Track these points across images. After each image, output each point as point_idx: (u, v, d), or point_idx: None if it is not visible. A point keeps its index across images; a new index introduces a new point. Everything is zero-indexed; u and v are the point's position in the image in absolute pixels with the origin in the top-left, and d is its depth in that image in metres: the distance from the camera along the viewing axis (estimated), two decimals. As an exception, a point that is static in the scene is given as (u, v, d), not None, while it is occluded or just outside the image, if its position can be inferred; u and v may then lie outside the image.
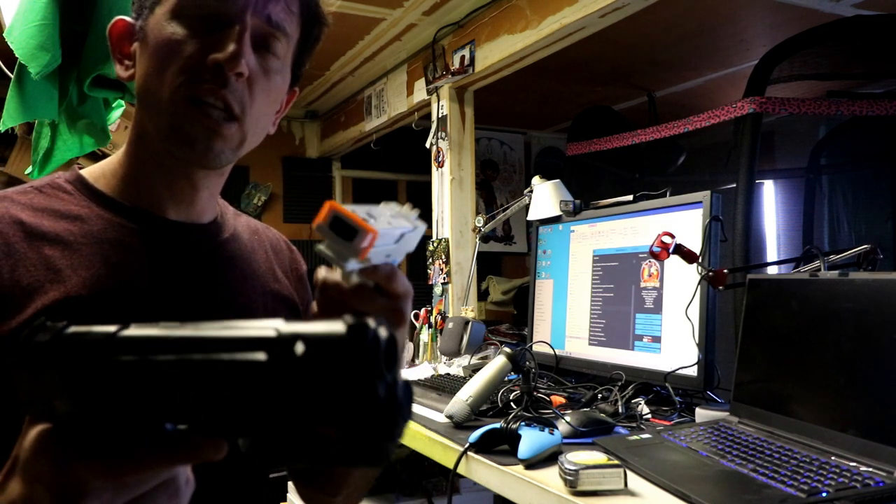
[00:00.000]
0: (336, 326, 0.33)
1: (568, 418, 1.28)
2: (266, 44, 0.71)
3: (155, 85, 0.68)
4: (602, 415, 1.35)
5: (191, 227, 0.75)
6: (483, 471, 1.20)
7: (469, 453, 1.22)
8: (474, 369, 1.93)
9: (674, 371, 1.47)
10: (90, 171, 0.74)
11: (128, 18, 0.72)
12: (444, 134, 2.67)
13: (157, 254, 0.71)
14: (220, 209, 0.82)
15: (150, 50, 0.69)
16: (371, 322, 0.33)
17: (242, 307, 0.76)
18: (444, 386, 1.78)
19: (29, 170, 1.91)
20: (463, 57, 2.55)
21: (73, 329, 0.37)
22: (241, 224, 0.84)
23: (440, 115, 2.70)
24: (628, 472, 1.00)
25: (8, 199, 0.68)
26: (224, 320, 0.37)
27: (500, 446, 1.22)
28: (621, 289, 1.70)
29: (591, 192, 2.61)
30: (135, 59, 0.72)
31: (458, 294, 2.58)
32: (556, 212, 2.01)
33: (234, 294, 0.76)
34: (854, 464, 0.94)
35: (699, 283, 1.43)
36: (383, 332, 0.33)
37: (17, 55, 1.56)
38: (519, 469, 1.12)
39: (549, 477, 1.07)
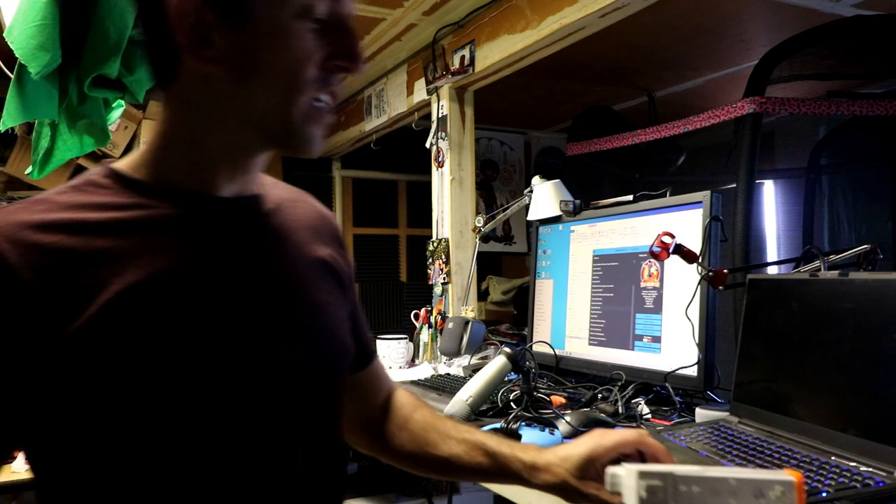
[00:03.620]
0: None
1: (568, 418, 1.28)
2: None
3: (271, 83, 0.67)
4: (602, 415, 1.35)
5: (239, 202, 0.75)
6: (483, 471, 1.19)
7: (469, 453, 1.22)
8: (474, 369, 1.93)
9: (674, 371, 1.47)
10: (125, 163, 0.73)
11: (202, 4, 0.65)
12: (444, 134, 2.67)
13: (208, 233, 0.71)
14: (260, 179, 0.81)
15: (268, 45, 0.66)
16: None
17: (299, 277, 0.77)
18: (444, 386, 1.78)
19: (29, 170, 1.91)
20: (463, 57, 2.55)
21: None
22: (280, 193, 0.83)
23: (440, 115, 2.70)
24: (628, 472, 1.00)
25: (48, 202, 0.66)
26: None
27: (500, 446, 1.22)
28: (621, 289, 1.70)
29: (591, 192, 2.62)
30: (217, 44, 0.65)
31: (458, 294, 2.58)
32: (556, 212, 2.01)
33: (289, 264, 0.76)
34: (854, 464, 0.94)
35: (699, 283, 1.43)
36: None
37: (17, 55, 1.56)
38: (519, 469, 1.12)
39: (549, 477, 1.07)
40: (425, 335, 2.55)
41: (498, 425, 1.22)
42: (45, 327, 0.61)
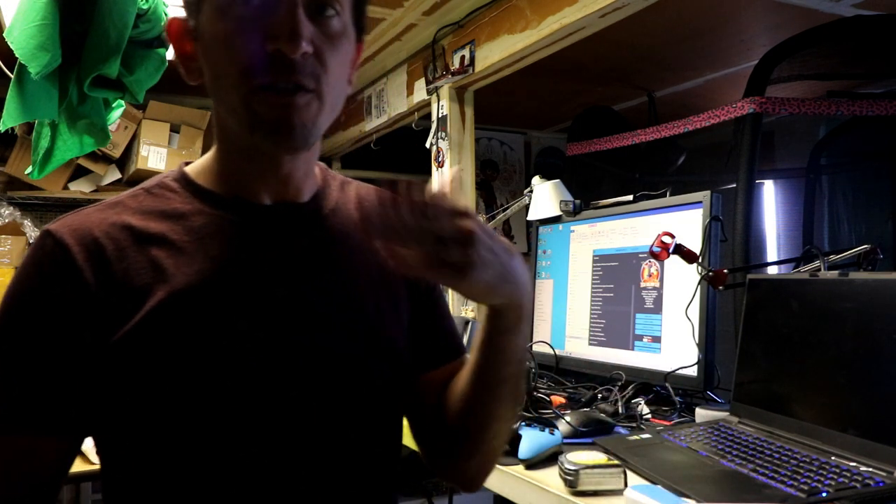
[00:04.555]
0: None
1: (568, 418, 1.28)
2: (321, 5, 0.66)
3: (224, 86, 0.67)
4: (602, 415, 1.35)
5: (290, 209, 0.74)
6: (483, 471, 1.19)
7: (469, 453, 1.22)
8: (474, 369, 1.93)
9: (674, 371, 1.47)
10: (194, 167, 0.75)
11: (181, 16, 0.71)
12: (444, 134, 2.67)
13: (257, 242, 0.71)
14: (326, 180, 0.80)
15: (209, 51, 0.67)
16: None
17: (347, 285, 0.75)
18: (444, 386, 1.78)
19: (29, 170, 1.91)
20: (463, 57, 2.55)
21: None
22: (347, 194, 0.82)
23: (440, 115, 2.70)
24: (628, 472, 1.01)
25: (121, 205, 0.71)
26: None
27: (500, 446, 1.22)
28: (621, 289, 1.70)
29: (591, 192, 2.61)
30: (197, 59, 0.70)
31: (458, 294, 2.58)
32: (556, 212, 2.01)
33: (337, 273, 0.75)
34: (854, 464, 0.94)
35: (699, 283, 1.43)
36: None
37: (17, 55, 1.56)
38: (519, 469, 1.12)
39: (549, 477, 1.07)
40: (425, 335, 2.55)
41: (498, 425, 1.22)
42: (96, 330, 0.65)
